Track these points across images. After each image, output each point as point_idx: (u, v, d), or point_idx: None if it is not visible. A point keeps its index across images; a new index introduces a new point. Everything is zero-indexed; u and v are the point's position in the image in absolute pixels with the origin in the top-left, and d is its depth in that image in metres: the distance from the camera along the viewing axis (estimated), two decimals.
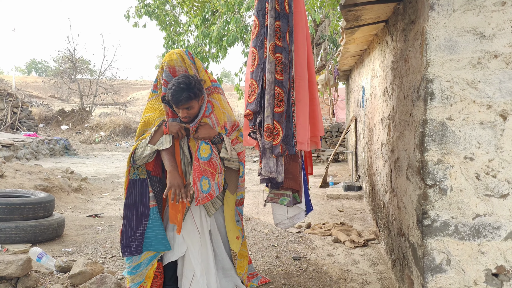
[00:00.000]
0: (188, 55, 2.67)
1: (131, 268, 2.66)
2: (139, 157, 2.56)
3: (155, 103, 2.73)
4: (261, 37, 2.53)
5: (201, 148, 2.58)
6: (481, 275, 2.16)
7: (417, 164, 2.33)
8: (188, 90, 2.47)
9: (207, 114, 2.64)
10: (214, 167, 2.59)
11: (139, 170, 2.67)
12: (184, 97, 2.46)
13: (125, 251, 2.61)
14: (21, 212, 4.08)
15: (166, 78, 2.60)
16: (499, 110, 2.12)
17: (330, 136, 13.60)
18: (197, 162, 2.55)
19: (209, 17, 9.36)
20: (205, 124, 2.63)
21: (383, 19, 3.60)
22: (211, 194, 2.57)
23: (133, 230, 2.61)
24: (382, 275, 3.46)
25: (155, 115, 2.69)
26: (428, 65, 2.16)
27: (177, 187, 2.50)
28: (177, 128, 2.58)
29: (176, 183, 2.50)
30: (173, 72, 2.61)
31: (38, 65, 58.49)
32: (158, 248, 2.67)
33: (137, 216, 2.63)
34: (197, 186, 2.52)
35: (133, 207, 2.63)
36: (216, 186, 2.60)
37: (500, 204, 2.13)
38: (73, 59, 25.50)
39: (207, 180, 2.55)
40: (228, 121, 2.74)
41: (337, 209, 5.98)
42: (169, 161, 2.56)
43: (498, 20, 2.09)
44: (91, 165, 11.61)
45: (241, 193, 2.84)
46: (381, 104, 4.08)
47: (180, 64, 2.62)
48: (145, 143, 2.55)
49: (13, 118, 17.10)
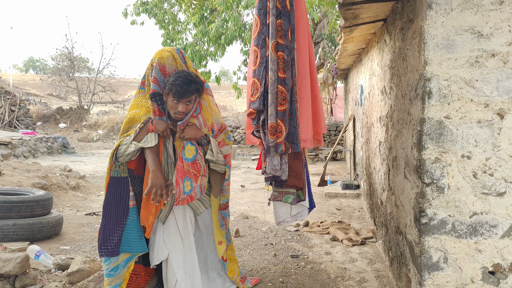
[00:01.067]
0: (179, 54, 2.62)
1: (109, 270, 2.56)
2: (122, 154, 2.48)
3: (142, 100, 2.66)
4: (263, 35, 2.53)
5: (186, 149, 2.53)
6: (478, 273, 2.17)
7: (415, 162, 2.34)
8: (196, 83, 2.47)
9: (195, 115, 2.59)
10: (198, 168, 2.54)
11: (121, 168, 2.59)
12: (193, 89, 2.44)
13: (103, 251, 2.49)
14: (19, 210, 4.07)
15: (156, 75, 2.54)
16: (497, 109, 2.13)
17: (329, 134, 13.61)
18: (181, 163, 2.50)
19: (208, 15, 9.35)
20: (192, 124, 2.57)
21: (381, 17, 3.61)
22: (192, 196, 2.53)
23: (111, 230, 2.51)
24: (379, 273, 3.47)
25: (141, 112, 2.61)
26: (426, 64, 2.17)
27: (158, 187, 2.42)
28: (163, 126, 2.52)
29: (158, 183, 2.43)
30: (163, 70, 2.55)
31: (36, 63, 58.31)
32: (135, 249, 2.58)
33: (116, 215, 2.54)
34: (179, 186, 2.47)
35: (113, 206, 2.55)
36: (198, 189, 2.56)
37: (497, 202, 2.14)
38: (71, 57, 25.45)
39: (190, 181, 2.50)
40: (215, 123, 2.69)
41: (335, 208, 6.00)
42: (153, 160, 2.49)
43: (495, 19, 2.10)
44: (89, 163, 11.60)
45: (226, 197, 2.78)
46: (379, 103, 4.09)
47: (170, 62, 2.57)
48: (129, 140, 2.48)
49: (11, 116, 17.07)
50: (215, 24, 8.66)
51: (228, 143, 2.71)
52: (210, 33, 8.61)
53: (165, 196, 2.44)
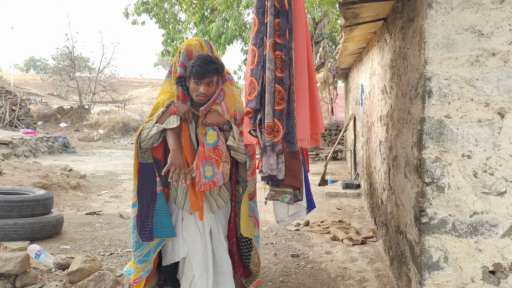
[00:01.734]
0: (207, 44, 2.69)
1: (142, 256, 2.63)
2: (144, 139, 2.52)
3: (167, 87, 2.73)
4: (260, 34, 2.52)
5: (208, 134, 2.55)
6: (478, 273, 2.17)
7: (415, 162, 2.33)
8: (215, 63, 2.51)
9: (218, 102, 2.62)
10: (220, 154, 2.54)
11: (146, 155, 2.63)
12: (212, 69, 2.49)
13: (143, 236, 2.58)
14: (20, 209, 4.07)
15: (183, 60, 2.61)
16: (497, 108, 2.12)
17: (329, 134, 13.60)
18: (202, 148, 2.52)
19: (208, 15, 9.35)
20: (214, 110, 2.60)
21: (381, 17, 3.61)
22: (214, 182, 2.52)
23: (146, 215, 2.59)
24: (380, 273, 3.47)
25: (165, 98, 2.67)
26: (426, 63, 2.16)
27: (177, 166, 2.44)
28: (185, 109, 2.56)
29: (177, 162, 2.44)
30: (190, 56, 2.63)
31: (37, 63, 58.34)
32: (165, 234, 2.63)
33: (147, 201, 2.61)
34: (199, 170, 2.48)
35: (144, 192, 2.61)
36: (221, 175, 2.55)
37: (497, 201, 2.14)
38: (71, 57, 25.45)
39: (211, 167, 2.50)
40: (238, 111, 2.71)
41: (335, 207, 5.99)
42: (174, 140, 2.52)
43: (496, 18, 2.10)
44: (90, 163, 11.61)
45: (249, 188, 2.80)
46: (379, 102, 4.09)
47: (198, 50, 2.65)
48: (152, 124, 2.52)
49: (11, 115, 17.09)
50: (216, 23, 8.66)
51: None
52: (211, 33, 8.61)
53: (184, 177, 2.45)
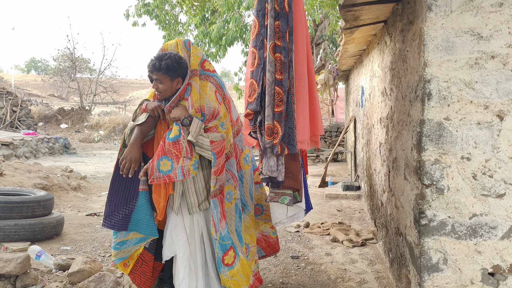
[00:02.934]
0: (184, 43, 2.73)
1: (115, 243, 2.69)
2: (126, 137, 2.66)
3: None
4: (261, 37, 2.54)
5: (171, 129, 2.56)
6: (478, 274, 2.17)
7: (415, 164, 2.34)
8: (158, 60, 2.56)
9: (186, 96, 2.62)
10: (179, 149, 2.50)
11: None
12: (150, 65, 2.57)
13: (106, 223, 2.64)
14: (20, 210, 4.08)
15: None
16: (496, 111, 2.13)
17: (330, 136, 13.61)
18: (162, 142, 2.53)
19: (209, 17, 9.37)
20: (181, 105, 2.62)
21: (382, 19, 3.62)
22: (170, 177, 2.48)
23: (116, 206, 2.63)
24: (379, 274, 3.47)
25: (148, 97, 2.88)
26: (426, 66, 2.17)
27: (128, 160, 2.54)
28: (153, 106, 2.63)
29: (130, 157, 2.54)
30: None
31: (38, 64, 58.45)
32: (143, 231, 2.67)
33: (123, 195, 2.65)
34: (153, 163, 2.48)
35: (121, 186, 2.66)
36: (180, 170, 2.49)
37: (496, 204, 2.15)
38: (72, 58, 25.48)
39: (170, 161, 2.47)
40: (206, 106, 2.62)
41: (335, 209, 6.00)
42: (134, 135, 2.60)
43: (495, 21, 2.11)
44: (91, 164, 11.62)
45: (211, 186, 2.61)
46: (379, 104, 4.10)
47: (172, 48, 2.71)
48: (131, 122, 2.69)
49: (12, 116, 17.11)
50: (216, 25, 8.68)
51: (221, 130, 2.63)
52: (211, 34, 8.63)
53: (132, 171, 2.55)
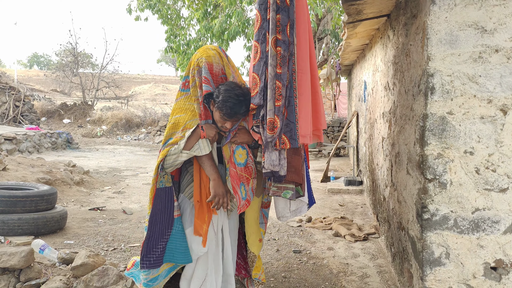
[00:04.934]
0: (223, 52, 2.53)
1: (147, 280, 2.52)
2: (171, 165, 2.39)
3: (186, 102, 2.50)
4: (263, 30, 2.53)
5: (237, 153, 2.45)
6: (480, 269, 2.17)
7: (417, 158, 2.34)
8: (246, 102, 2.37)
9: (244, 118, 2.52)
10: (250, 172, 2.49)
11: (165, 178, 2.50)
12: (244, 111, 2.38)
13: (144, 263, 2.46)
14: (24, 204, 4.11)
15: (206, 75, 2.41)
16: (500, 105, 2.12)
17: (332, 131, 13.60)
18: (234, 168, 2.42)
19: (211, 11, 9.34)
20: (242, 128, 2.49)
21: (385, 13, 3.60)
22: (248, 200, 2.47)
23: (155, 242, 2.47)
24: (382, 269, 3.48)
25: (186, 117, 2.46)
26: (429, 60, 2.16)
27: (221, 196, 2.40)
28: (214, 132, 2.43)
29: (221, 192, 2.40)
30: (211, 69, 2.44)
31: (40, 59, 58.50)
32: (179, 260, 2.53)
33: (161, 227, 2.48)
34: (238, 193, 2.41)
35: (158, 218, 2.48)
36: (251, 191, 2.51)
37: (499, 198, 2.14)
38: (75, 53, 25.48)
39: (243, 186, 2.45)
40: None
41: (338, 204, 6.00)
42: (211, 168, 2.42)
43: (499, 15, 2.09)
44: (93, 159, 11.65)
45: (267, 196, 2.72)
46: (382, 99, 4.09)
47: (217, 61, 2.47)
48: (179, 149, 2.35)
49: (15, 111, 17.15)
50: (219, 19, 8.65)
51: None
52: (214, 29, 8.60)
53: (225, 205, 2.42)
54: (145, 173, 9.23)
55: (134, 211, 5.52)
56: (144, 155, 13.09)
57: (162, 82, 43.61)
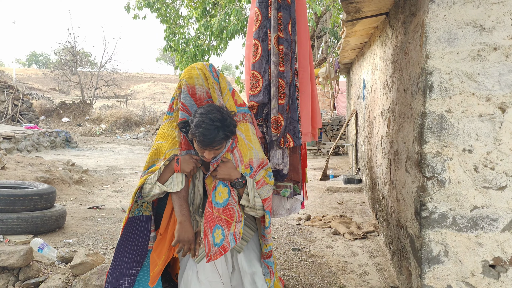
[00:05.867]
0: (212, 72, 2.14)
1: None
2: (147, 194, 2.13)
3: (169, 128, 2.24)
4: (264, 28, 2.53)
5: (217, 191, 2.09)
6: (478, 266, 2.18)
7: (416, 156, 2.34)
8: (224, 128, 1.96)
9: (230, 149, 2.13)
10: (231, 214, 2.10)
11: (144, 206, 2.23)
12: (220, 139, 1.96)
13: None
14: (23, 203, 4.10)
15: (184, 100, 2.09)
16: (498, 103, 2.12)
17: (331, 129, 13.61)
18: (210, 208, 2.07)
19: (210, 9, 9.32)
20: (227, 161, 2.11)
21: (383, 11, 3.60)
22: (225, 247, 2.08)
23: (122, 273, 2.19)
24: (380, 267, 3.49)
25: (167, 145, 2.19)
26: (428, 58, 2.16)
27: (186, 242, 2.05)
28: (191, 166, 2.11)
29: (186, 238, 2.05)
30: (193, 93, 2.10)
31: (39, 58, 58.41)
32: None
33: (130, 256, 2.20)
34: (208, 238, 2.04)
35: (128, 248, 2.20)
36: (232, 237, 2.10)
37: (498, 196, 2.15)
38: (73, 52, 25.44)
39: (221, 229, 2.07)
40: (255, 158, 2.19)
41: (337, 202, 6.01)
42: (180, 208, 2.09)
43: (498, 13, 2.09)
44: (92, 158, 11.64)
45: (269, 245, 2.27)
46: (381, 97, 4.09)
47: (201, 83, 2.10)
48: (154, 180, 2.10)
49: (14, 110, 17.12)
50: (217, 18, 8.63)
51: (268, 181, 2.22)
52: (213, 27, 8.59)
53: (192, 252, 2.09)
54: None
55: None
56: (143, 154, 13.08)
57: (161, 80, 43.58)
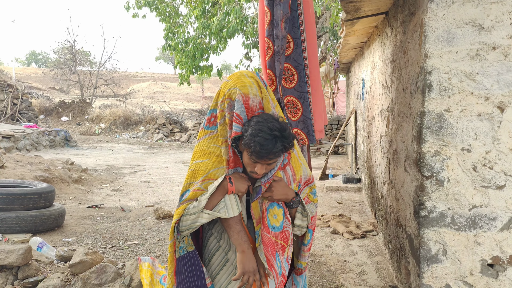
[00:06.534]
0: (262, 81, 1.91)
1: None
2: (188, 227, 1.82)
3: (209, 144, 1.91)
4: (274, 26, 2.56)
5: (271, 213, 1.85)
6: (477, 265, 2.18)
7: (415, 155, 2.34)
8: (282, 139, 1.73)
9: (281, 166, 1.90)
10: (287, 238, 1.87)
11: (185, 241, 1.92)
12: (278, 150, 1.72)
13: None
14: (22, 202, 4.10)
15: (239, 111, 1.79)
16: (497, 102, 2.13)
17: (330, 128, 13.62)
18: (267, 233, 1.82)
19: (209, 9, 9.32)
20: (279, 179, 1.88)
21: (383, 10, 3.60)
22: (284, 275, 1.88)
23: None
24: (379, 266, 3.49)
25: (210, 164, 1.87)
26: (427, 57, 2.16)
27: (252, 274, 1.79)
28: (246, 185, 1.85)
29: (251, 269, 1.79)
30: (246, 103, 1.82)
31: (38, 57, 58.35)
32: None
33: None
34: (274, 268, 1.81)
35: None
36: (286, 262, 1.91)
37: (496, 195, 2.15)
38: (73, 51, 25.42)
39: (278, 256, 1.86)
40: (303, 175, 1.99)
41: (336, 201, 6.01)
42: (239, 235, 1.82)
43: (497, 12, 2.09)
44: (91, 157, 11.63)
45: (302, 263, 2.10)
46: (380, 96, 4.09)
47: (255, 92, 1.84)
48: (199, 208, 1.78)
49: (13, 109, 17.11)
50: (217, 17, 8.63)
51: (313, 199, 2.02)
52: (212, 27, 8.58)
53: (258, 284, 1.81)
54: (143, 171, 9.22)
55: (132, 209, 5.52)
56: (142, 153, 13.07)
57: (160, 80, 43.58)
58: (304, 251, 2.05)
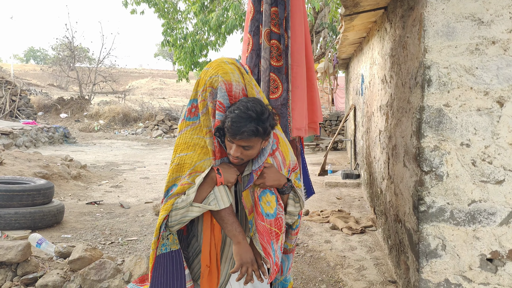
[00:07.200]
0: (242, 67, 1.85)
1: None
2: (178, 222, 1.76)
3: (193, 136, 1.84)
4: (256, 23, 2.53)
5: (264, 201, 1.80)
6: (476, 260, 2.18)
7: (414, 150, 2.34)
8: (258, 122, 1.67)
9: (271, 152, 1.86)
10: (280, 225, 1.83)
11: (170, 239, 1.83)
12: (249, 130, 1.65)
13: None
14: (21, 198, 4.10)
15: (222, 99, 1.74)
16: (496, 97, 2.12)
17: (330, 124, 13.61)
18: (261, 221, 1.78)
19: (208, 4, 9.29)
20: (270, 165, 1.83)
21: (382, 5, 3.58)
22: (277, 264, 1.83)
23: None
24: (378, 261, 3.49)
25: (195, 156, 1.80)
26: (426, 52, 2.15)
27: (250, 264, 1.75)
28: (235, 175, 1.78)
29: (249, 259, 1.75)
30: (229, 90, 1.76)
31: (37, 53, 58.18)
32: None
33: None
34: (271, 256, 1.78)
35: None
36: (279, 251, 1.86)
37: (495, 190, 2.15)
38: (71, 47, 25.34)
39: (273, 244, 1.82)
40: (291, 161, 1.95)
41: (335, 197, 6.01)
42: (233, 226, 1.77)
43: (496, 6, 2.08)
44: (90, 153, 11.62)
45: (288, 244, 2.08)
46: (379, 92, 4.08)
47: (237, 79, 1.78)
48: (188, 201, 1.72)
49: (12, 106, 17.07)
50: (216, 13, 8.60)
51: (298, 185, 1.96)
52: (211, 22, 8.56)
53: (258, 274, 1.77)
54: (143, 167, 9.22)
55: (132, 205, 5.52)
56: (141, 149, 13.06)
57: (159, 76, 43.48)
58: (292, 235, 2.05)
